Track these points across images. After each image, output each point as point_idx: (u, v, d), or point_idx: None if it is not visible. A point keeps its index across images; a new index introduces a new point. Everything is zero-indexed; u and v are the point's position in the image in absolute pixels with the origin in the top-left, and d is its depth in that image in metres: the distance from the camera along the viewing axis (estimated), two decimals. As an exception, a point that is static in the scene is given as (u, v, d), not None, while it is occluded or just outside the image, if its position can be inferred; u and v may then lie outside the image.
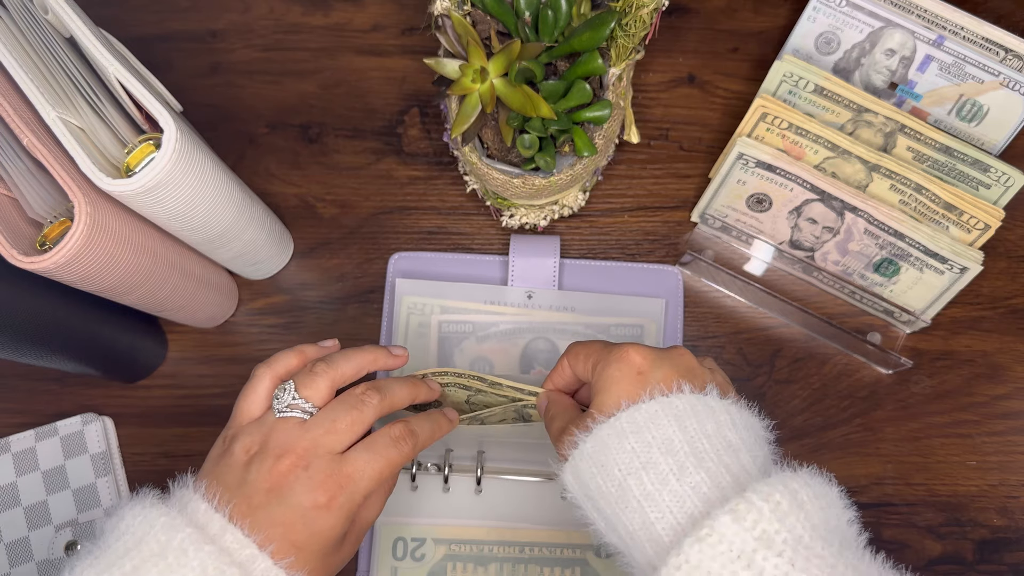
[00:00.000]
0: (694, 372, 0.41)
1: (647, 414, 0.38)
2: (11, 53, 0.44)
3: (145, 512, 0.37)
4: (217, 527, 0.38)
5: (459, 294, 0.59)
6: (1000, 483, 0.57)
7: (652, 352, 0.41)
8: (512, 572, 0.55)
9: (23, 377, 0.59)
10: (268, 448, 0.40)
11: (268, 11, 0.66)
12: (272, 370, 0.44)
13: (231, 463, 0.41)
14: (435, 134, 0.64)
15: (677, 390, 0.39)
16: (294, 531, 0.39)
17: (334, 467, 0.41)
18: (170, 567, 0.36)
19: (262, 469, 0.40)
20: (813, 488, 0.36)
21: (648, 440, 0.37)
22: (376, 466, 0.42)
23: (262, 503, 0.39)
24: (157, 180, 0.43)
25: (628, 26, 0.49)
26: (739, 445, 0.38)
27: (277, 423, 0.42)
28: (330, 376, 0.43)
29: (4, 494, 0.56)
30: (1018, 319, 0.60)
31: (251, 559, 0.37)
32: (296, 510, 0.39)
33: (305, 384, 0.43)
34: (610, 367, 0.41)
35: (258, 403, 0.43)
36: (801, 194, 0.56)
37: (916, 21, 0.57)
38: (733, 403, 0.40)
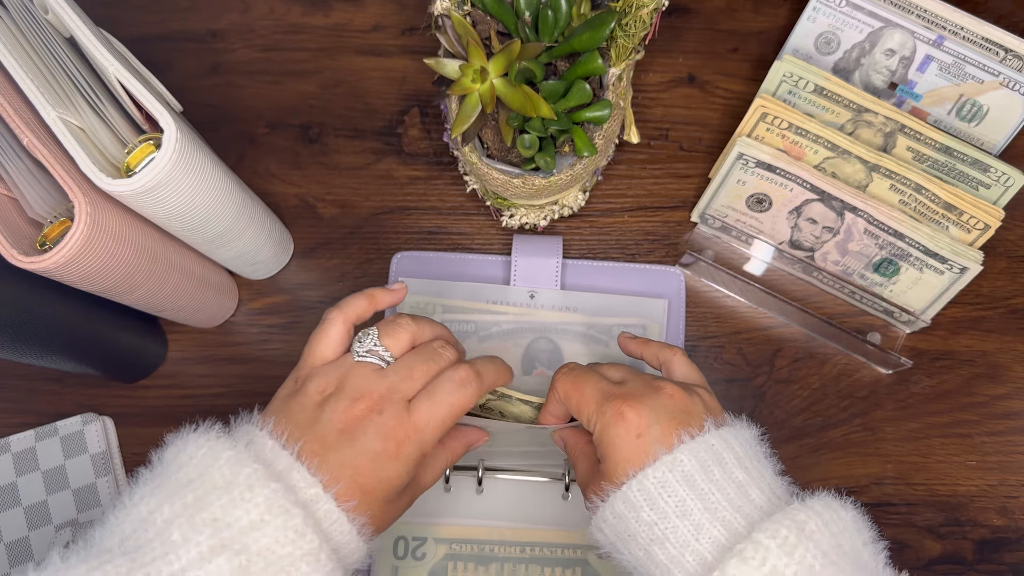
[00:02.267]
0: (688, 412, 0.41)
1: (656, 482, 0.39)
2: (11, 53, 0.44)
3: (210, 444, 0.37)
4: (284, 464, 0.38)
5: (461, 294, 0.59)
6: (1000, 483, 0.57)
7: (645, 406, 0.41)
8: (513, 572, 0.55)
9: (23, 377, 0.59)
10: (345, 390, 0.41)
11: (268, 11, 0.66)
12: (344, 313, 0.44)
13: (304, 402, 0.41)
14: (435, 134, 0.64)
15: (678, 442, 0.39)
16: (361, 474, 0.39)
17: (404, 415, 0.41)
18: (233, 501, 0.35)
19: (337, 409, 0.40)
20: (823, 516, 0.37)
21: (663, 509, 0.38)
22: (439, 413, 0.42)
23: (334, 444, 0.39)
24: (157, 180, 0.43)
25: (628, 26, 0.49)
26: (747, 482, 0.39)
27: (355, 366, 0.42)
28: (412, 330, 0.44)
29: (4, 494, 0.56)
30: (1018, 319, 0.60)
31: (315, 499, 0.37)
32: (367, 454, 0.40)
33: (387, 333, 0.43)
34: (608, 431, 0.41)
35: (332, 346, 0.44)
36: (801, 194, 0.56)
37: (916, 21, 0.57)
38: (730, 431, 0.41)
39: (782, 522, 0.36)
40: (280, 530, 0.35)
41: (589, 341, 0.58)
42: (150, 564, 0.34)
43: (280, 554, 0.35)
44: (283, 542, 0.35)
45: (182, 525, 0.35)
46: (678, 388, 0.42)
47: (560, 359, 0.58)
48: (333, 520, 0.38)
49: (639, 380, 0.44)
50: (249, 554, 0.35)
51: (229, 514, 0.35)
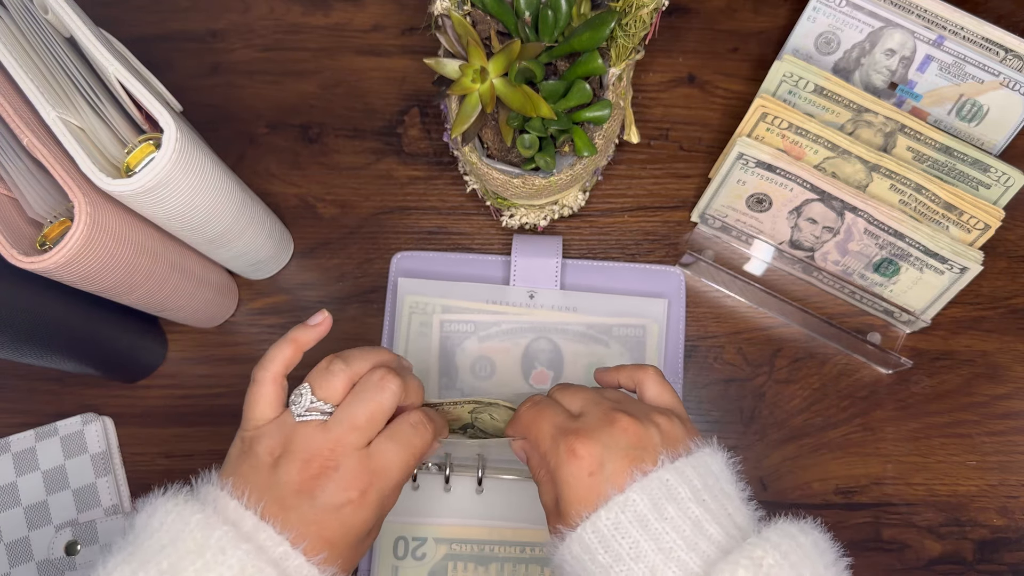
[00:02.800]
0: (642, 446, 0.40)
1: (608, 523, 0.38)
2: (11, 53, 0.44)
3: (179, 509, 0.37)
4: (250, 525, 0.38)
5: (461, 293, 0.59)
6: (1000, 483, 0.57)
7: (597, 443, 0.40)
8: (513, 572, 0.55)
9: (23, 377, 0.59)
10: (293, 452, 0.40)
11: (268, 11, 0.66)
12: (269, 371, 0.43)
13: (256, 464, 0.40)
14: (435, 134, 0.64)
15: (630, 480, 0.38)
16: (327, 528, 0.39)
17: (363, 463, 0.41)
18: (207, 565, 0.36)
19: (291, 472, 0.40)
20: (780, 547, 0.36)
21: (617, 551, 0.37)
22: (403, 455, 0.42)
23: (293, 504, 0.39)
24: (157, 180, 0.43)
25: (628, 26, 0.49)
26: (704, 517, 0.38)
27: (298, 427, 0.41)
28: (347, 374, 0.43)
29: (4, 494, 0.56)
30: (1018, 319, 0.60)
31: (284, 556, 0.37)
32: (328, 509, 0.39)
33: (321, 385, 0.42)
34: (561, 469, 0.40)
35: (268, 406, 0.43)
36: (801, 194, 0.56)
37: (916, 21, 0.57)
38: (687, 462, 0.40)
39: (739, 562, 0.35)
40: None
41: (589, 341, 0.58)
42: None
43: None
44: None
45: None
46: (633, 420, 0.41)
47: (560, 359, 0.58)
48: (304, 574, 0.38)
49: (596, 412, 0.42)
50: None
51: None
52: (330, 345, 0.60)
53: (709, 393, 0.59)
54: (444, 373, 0.58)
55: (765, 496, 0.57)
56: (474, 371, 0.58)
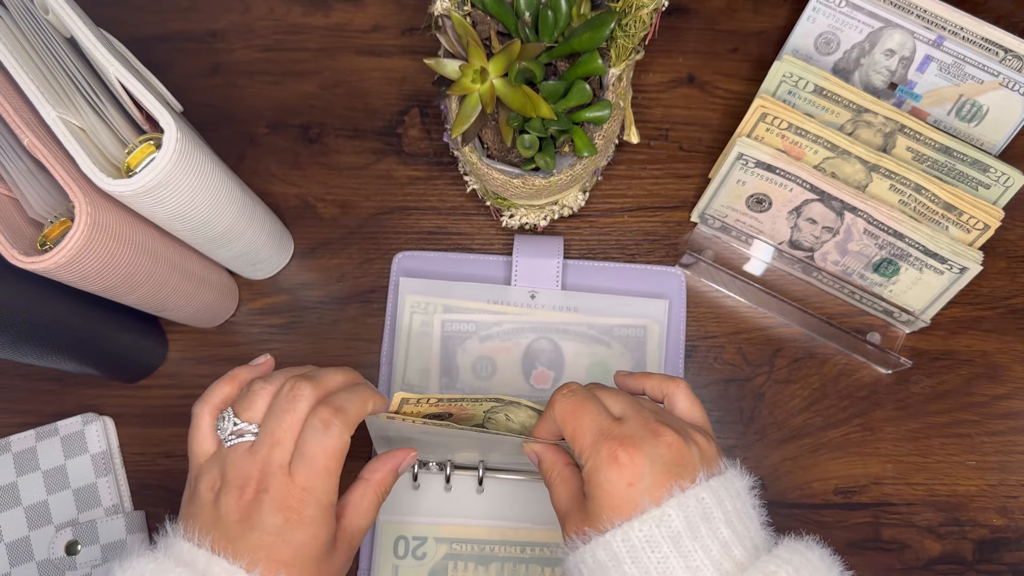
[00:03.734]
0: (683, 464, 0.40)
1: (641, 536, 0.38)
2: (11, 53, 0.44)
3: (133, 563, 0.39)
4: (203, 562, 0.39)
5: (462, 293, 0.59)
6: (1000, 483, 0.57)
7: (642, 453, 0.40)
8: (513, 572, 0.55)
9: (23, 377, 0.59)
10: (228, 481, 0.41)
11: (268, 11, 0.66)
12: (209, 405, 0.43)
13: (200, 503, 0.41)
14: (435, 134, 0.64)
15: (667, 496, 0.38)
16: (276, 551, 0.40)
17: (289, 482, 0.41)
18: None
19: (229, 503, 0.40)
20: (792, 562, 0.37)
21: (645, 565, 0.37)
22: (317, 464, 0.41)
23: (238, 534, 0.40)
24: (157, 180, 0.43)
25: (628, 26, 0.49)
26: (732, 540, 0.38)
27: (229, 453, 0.42)
28: (267, 391, 0.43)
29: (4, 494, 0.56)
30: (1018, 319, 0.60)
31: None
32: (271, 532, 0.40)
33: (243, 407, 0.43)
34: (599, 472, 0.40)
35: (206, 440, 0.43)
36: (801, 194, 0.56)
37: (916, 21, 0.57)
38: (721, 482, 0.40)
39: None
40: None
41: (590, 341, 0.58)
42: None
43: None
44: None
45: None
46: (678, 437, 0.41)
47: (561, 359, 0.58)
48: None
49: (639, 419, 0.42)
50: None
51: None
52: (333, 345, 0.60)
53: (709, 393, 0.59)
54: (445, 373, 0.58)
55: (765, 496, 0.57)
56: (475, 371, 0.58)
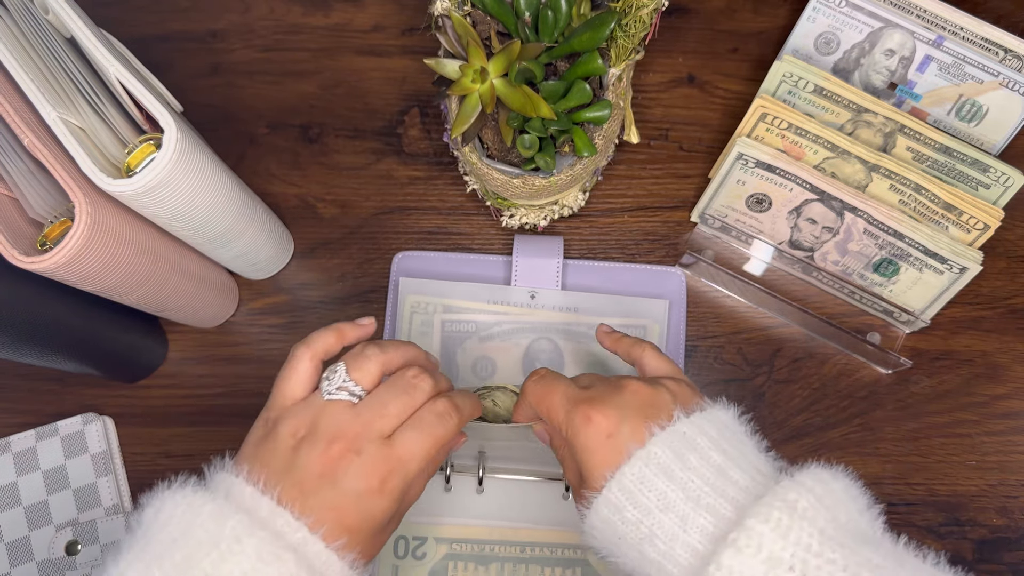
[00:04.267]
0: (656, 405, 0.40)
1: (633, 478, 0.38)
2: (12, 53, 0.44)
3: (188, 500, 0.37)
4: (266, 511, 0.37)
5: (462, 293, 0.59)
6: (1000, 483, 0.57)
7: (611, 406, 0.40)
8: (513, 572, 0.55)
9: (23, 377, 0.59)
10: (318, 432, 0.40)
11: (268, 11, 0.66)
12: (311, 350, 0.43)
13: (277, 447, 0.40)
14: (435, 134, 0.64)
15: (649, 435, 0.39)
16: (347, 515, 0.39)
17: (386, 451, 0.40)
18: (223, 556, 0.35)
19: (312, 454, 0.39)
20: (814, 491, 0.36)
21: (645, 505, 0.37)
22: (425, 445, 0.41)
23: (313, 488, 0.38)
24: (158, 180, 0.43)
25: (628, 26, 0.49)
26: (726, 464, 0.38)
27: (326, 406, 0.41)
28: (381, 360, 0.43)
29: (4, 494, 0.56)
30: (1018, 319, 0.60)
31: (303, 542, 0.37)
32: (349, 495, 0.39)
33: (356, 367, 0.42)
34: (578, 437, 0.40)
35: (300, 384, 0.42)
36: (801, 194, 0.56)
37: (916, 21, 0.57)
38: (701, 415, 0.40)
39: (773, 504, 0.35)
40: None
41: (590, 341, 0.58)
42: None
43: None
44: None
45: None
46: (642, 384, 0.41)
47: (561, 359, 0.58)
48: (323, 560, 0.37)
49: (605, 383, 0.43)
50: None
51: (219, 569, 0.34)
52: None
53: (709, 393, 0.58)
54: (445, 372, 0.58)
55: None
56: (475, 371, 0.58)
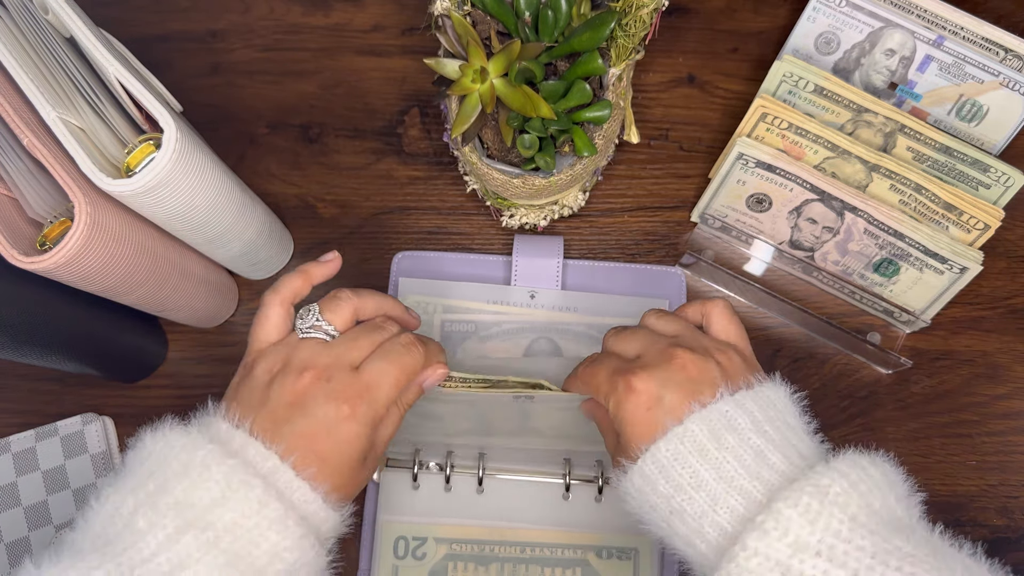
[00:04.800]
0: (701, 380, 0.40)
1: (668, 454, 0.38)
2: (11, 53, 0.44)
3: (165, 436, 0.38)
4: (239, 442, 0.38)
5: (462, 293, 0.59)
6: (1000, 483, 0.57)
7: (654, 378, 0.40)
8: (513, 572, 0.55)
9: (23, 377, 0.59)
10: (290, 365, 0.41)
11: (268, 11, 0.66)
12: (279, 295, 0.45)
13: (253, 385, 0.41)
14: (435, 134, 0.64)
15: (688, 412, 0.39)
16: (317, 442, 0.40)
17: (354, 377, 0.42)
18: (193, 483, 0.36)
19: (284, 384, 0.41)
20: (849, 477, 0.36)
21: (678, 481, 0.38)
22: (393, 371, 0.43)
23: (285, 417, 0.40)
24: (157, 180, 0.43)
25: (628, 26, 0.49)
26: (765, 447, 0.38)
27: (300, 343, 0.43)
28: (354, 304, 0.44)
29: (4, 494, 0.56)
30: (1018, 319, 0.60)
31: (274, 470, 0.38)
32: (320, 421, 0.40)
33: (329, 308, 0.44)
34: (621, 407, 0.41)
35: (273, 329, 0.44)
36: (801, 194, 0.56)
37: (916, 21, 0.57)
38: (748, 395, 0.40)
39: (804, 489, 0.35)
40: (243, 503, 0.36)
41: (590, 341, 0.58)
42: (121, 555, 0.34)
43: (247, 526, 0.36)
44: (248, 514, 0.36)
45: (147, 513, 0.35)
46: (691, 356, 0.41)
47: (561, 359, 0.58)
48: (295, 489, 0.38)
49: (653, 351, 0.43)
50: (216, 530, 0.35)
51: (191, 495, 0.36)
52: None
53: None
54: (444, 373, 0.58)
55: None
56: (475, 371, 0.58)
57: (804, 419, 0.41)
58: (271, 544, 0.36)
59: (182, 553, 0.34)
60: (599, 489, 0.54)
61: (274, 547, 0.37)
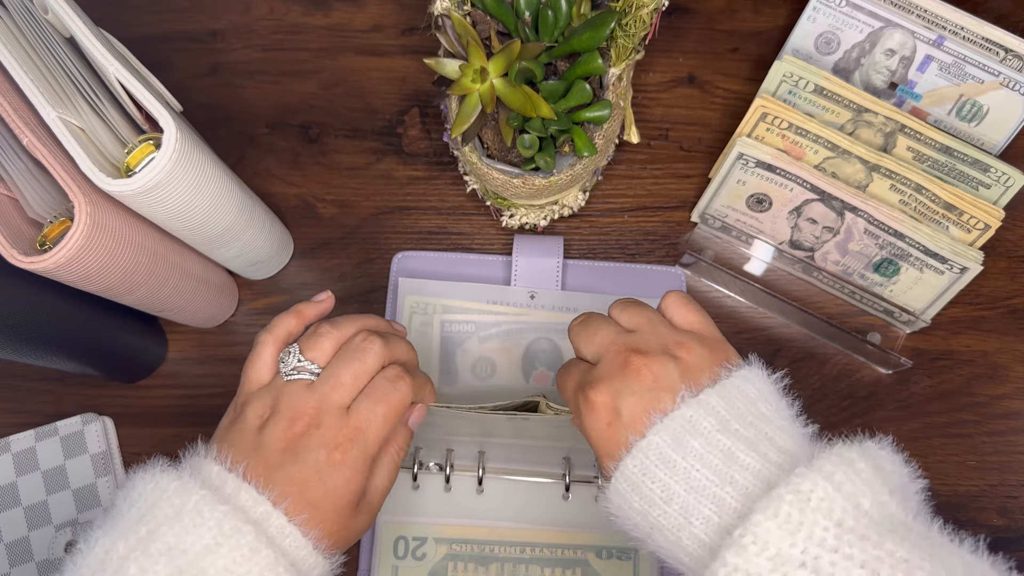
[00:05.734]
0: (658, 387, 0.38)
1: (636, 470, 0.37)
2: (11, 53, 0.43)
3: (156, 479, 0.38)
4: (231, 487, 0.38)
5: (462, 294, 0.59)
6: (1000, 483, 0.57)
7: (610, 391, 0.39)
8: (513, 572, 0.55)
9: (23, 377, 0.59)
10: (280, 411, 0.41)
11: (268, 11, 0.66)
12: (273, 335, 0.45)
13: (244, 428, 0.41)
14: (435, 134, 0.64)
15: (648, 423, 0.37)
16: (309, 488, 0.39)
17: (343, 421, 0.41)
18: (185, 528, 0.36)
19: (276, 431, 0.40)
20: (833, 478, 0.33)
21: (648, 496, 0.37)
22: (380, 410, 0.42)
23: (277, 463, 0.39)
24: (157, 180, 0.43)
25: (628, 26, 0.49)
26: (734, 447, 0.36)
27: (285, 386, 0.42)
28: (334, 336, 0.44)
29: (4, 494, 0.56)
30: (1018, 319, 0.60)
31: (265, 516, 0.38)
32: (310, 467, 0.40)
33: (309, 346, 0.43)
34: (584, 424, 0.40)
35: (264, 369, 0.44)
36: (801, 194, 0.56)
37: (916, 21, 0.57)
38: (713, 391, 0.38)
39: (783, 497, 0.33)
40: (234, 549, 0.36)
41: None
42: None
43: (238, 573, 0.36)
44: (239, 561, 0.36)
45: (138, 559, 0.35)
46: (647, 360, 0.39)
47: (560, 359, 0.58)
48: (286, 535, 0.38)
49: (611, 354, 0.41)
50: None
51: (183, 541, 0.35)
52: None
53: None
54: (445, 373, 0.58)
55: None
56: (475, 371, 0.58)
57: (784, 403, 0.39)
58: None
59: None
60: (599, 489, 0.54)
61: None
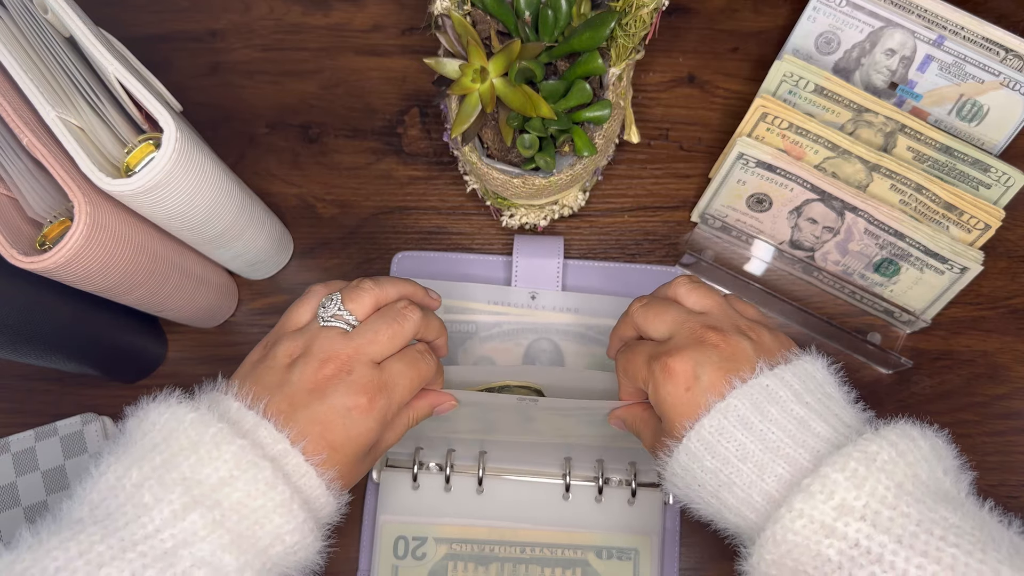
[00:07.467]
0: (736, 357, 0.41)
1: (712, 430, 0.39)
2: (11, 53, 0.43)
3: (172, 410, 0.38)
4: (250, 423, 0.38)
5: (462, 294, 0.59)
6: (1000, 483, 0.57)
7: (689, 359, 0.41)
8: (513, 572, 0.55)
9: (23, 377, 0.59)
10: (312, 353, 0.42)
11: (268, 11, 0.66)
12: (327, 288, 0.46)
13: (272, 365, 0.42)
14: (435, 134, 0.64)
15: (729, 388, 0.39)
16: (332, 430, 0.40)
17: (375, 373, 0.42)
18: (201, 460, 0.36)
19: (306, 371, 0.41)
20: (897, 446, 0.36)
21: (723, 455, 0.38)
22: (410, 374, 0.43)
23: (303, 402, 0.40)
24: (157, 180, 0.43)
25: (628, 26, 0.49)
26: (808, 416, 0.38)
27: (321, 331, 0.43)
28: (375, 294, 0.45)
29: (4, 494, 0.56)
30: (1018, 319, 0.60)
31: (283, 454, 0.38)
32: (338, 410, 0.40)
33: (351, 298, 0.44)
34: (660, 390, 0.41)
35: (305, 314, 0.45)
36: (801, 194, 0.56)
37: (916, 21, 0.57)
38: (786, 368, 0.40)
39: (851, 454, 0.35)
40: (251, 483, 0.36)
41: (590, 342, 0.58)
42: (123, 528, 0.34)
43: (253, 507, 0.36)
44: (255, 495, 0.36)
45: (153, 487, 0.35)
46: (722, 335, 0.41)
47: (561, 360, 0.58)
48: (302, 474, 0.38)
49: (684, 332, 0.43)
50: (222, 508, 0.35)
51: (198, 472, 0.36)
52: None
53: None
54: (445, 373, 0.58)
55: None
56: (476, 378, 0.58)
57: (844, 390, 0.41)
58: (274, 526, 0.37)
59: (188, 530, 0.34)
60: (599, 489, 0.54)
61: (277, 529, 0.37)
